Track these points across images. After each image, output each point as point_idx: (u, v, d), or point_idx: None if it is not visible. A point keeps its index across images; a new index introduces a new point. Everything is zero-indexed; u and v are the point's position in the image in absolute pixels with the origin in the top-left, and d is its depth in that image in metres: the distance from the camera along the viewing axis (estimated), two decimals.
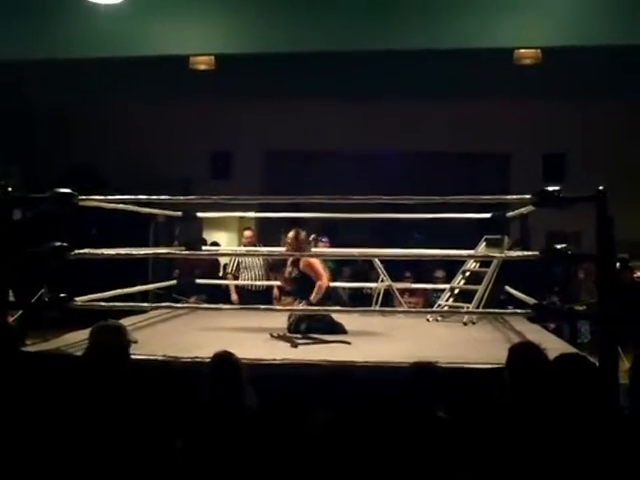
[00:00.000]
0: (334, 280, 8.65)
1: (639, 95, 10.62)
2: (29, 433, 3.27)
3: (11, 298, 5.77)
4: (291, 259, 6.84)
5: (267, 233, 10.36)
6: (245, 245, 9.46)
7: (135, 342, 3.95)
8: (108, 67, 9.56)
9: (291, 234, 6.78)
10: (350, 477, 3.50)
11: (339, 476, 3.51)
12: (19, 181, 10.50)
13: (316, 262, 6.72)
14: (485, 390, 3.89)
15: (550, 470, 3.24)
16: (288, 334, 6.15)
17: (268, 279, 9.30)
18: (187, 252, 8.25)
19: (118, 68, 9.70)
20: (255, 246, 9.27)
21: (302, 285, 6.65)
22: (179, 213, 8.37)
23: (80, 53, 8.57)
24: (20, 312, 6.63)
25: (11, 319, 6.06)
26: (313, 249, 7.60)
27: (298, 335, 6.07)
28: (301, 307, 6.47)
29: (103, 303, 5.90)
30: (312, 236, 8.34)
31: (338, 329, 6.29)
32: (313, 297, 6.48)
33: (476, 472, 3.42)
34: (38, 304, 5.90)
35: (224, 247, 11.26)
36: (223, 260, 10.88)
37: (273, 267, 9.19)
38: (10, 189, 5.27)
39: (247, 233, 9.53)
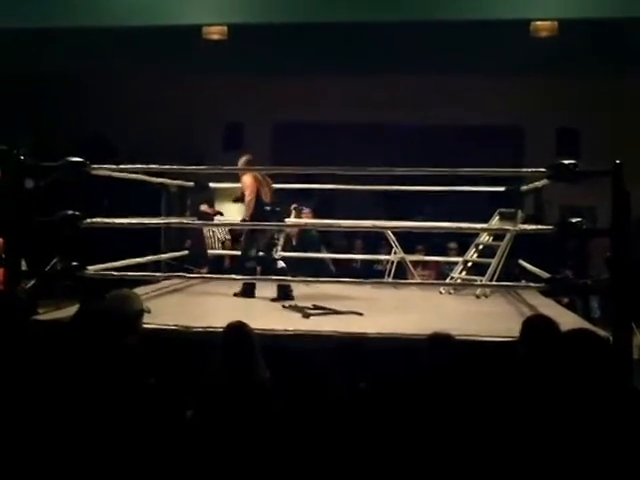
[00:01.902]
0: (317, 251, 8.74)
1: None
2: (35, 401, 3.28)
3: (24, 267, 5.78)
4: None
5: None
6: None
7: (148, 312, 3.93)
8: (122, 37, 9.50)
9: (243, 159, 6.87)
10: (360, 449, 3.50)
11: (350, 449, 3.51)
12: (30, 150, 10.49)
13: (249, 180, 6.79)
14: (497, 363, 3.87)
15: (561, 445, 3.23)
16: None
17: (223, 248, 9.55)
18: (198, 222, 8.24)
19: (132, 39, 9.65)
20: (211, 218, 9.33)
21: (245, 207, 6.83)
22: (191, 183, 8.35)
23: (94, 21, 8.56)
24: (33, 281, 6.64)
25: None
26: (293, 219, 7.63)
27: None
28: (312, 279, 6.48)
29: (115, 273, 5.90)
30: (293, 205, 8.37)
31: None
32: (245, 213, 6.76)
33: (487, 445, 3.41)
34: (50, 273, 5.89)
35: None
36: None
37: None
38: (22, 157, 5.26)
39: (204, 207, 9.53)
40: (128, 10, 8.39)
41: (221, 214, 10.17)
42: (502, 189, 7.59)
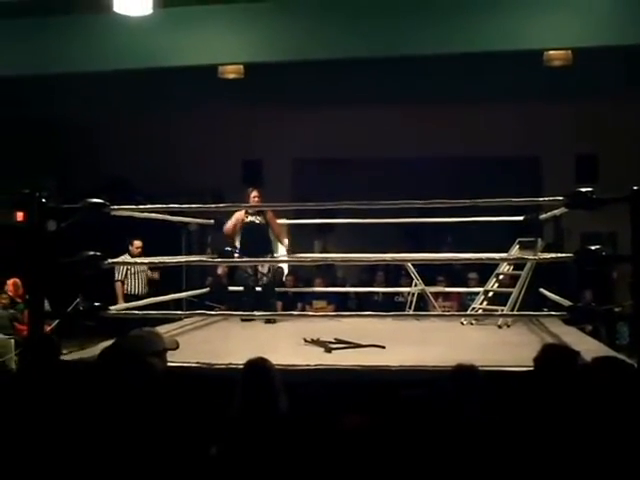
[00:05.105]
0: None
1: None
2: (66, 441, 3.29)
3: (47, 308, 5.85)
4: (255, 210, 7.67)
5: (299, 239, 10.38)
6: (134, 255, 9.20)
7: (176, 348, 3.92)
8: (140, 78, 9.66)
9: (255, 193, 7.67)
10: None
11: None
12: (53, 193, 10.65)
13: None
14: (520, 393, 3.84)
15: (583, 473, 3.20)
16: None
17: (149, 286, 9.38)
18: (219, 260, 8.27)
19: (150, 79, 9.80)
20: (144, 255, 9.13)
21: (265, 235, 7.72)
22: (211, 221, 8.41)
23: (112, 65, 8.69)
24: (56, 321, 6.70)
25: (48, 329, 6.13)
26: None
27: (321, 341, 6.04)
28: (333, 313, 6.48)
29: (137, 311, 5.94)
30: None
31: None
32: (288, 246, 8.04)
33: (508, 475, 3.38)
34: (74, 313, 5.94)
35: None
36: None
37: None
38: (44, 200, 5.33)
39: (137, 243, 9.33)
40: (144, 53, 8.52)
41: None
42: (521, 218, 7.58)
